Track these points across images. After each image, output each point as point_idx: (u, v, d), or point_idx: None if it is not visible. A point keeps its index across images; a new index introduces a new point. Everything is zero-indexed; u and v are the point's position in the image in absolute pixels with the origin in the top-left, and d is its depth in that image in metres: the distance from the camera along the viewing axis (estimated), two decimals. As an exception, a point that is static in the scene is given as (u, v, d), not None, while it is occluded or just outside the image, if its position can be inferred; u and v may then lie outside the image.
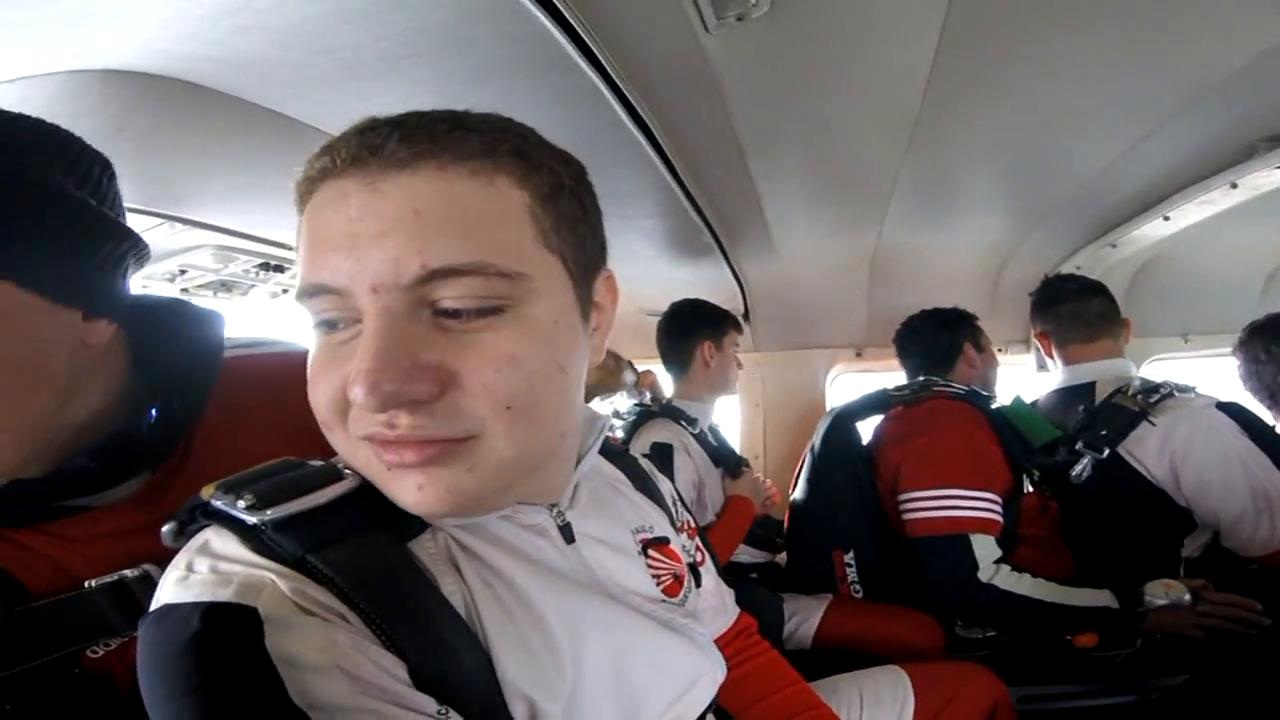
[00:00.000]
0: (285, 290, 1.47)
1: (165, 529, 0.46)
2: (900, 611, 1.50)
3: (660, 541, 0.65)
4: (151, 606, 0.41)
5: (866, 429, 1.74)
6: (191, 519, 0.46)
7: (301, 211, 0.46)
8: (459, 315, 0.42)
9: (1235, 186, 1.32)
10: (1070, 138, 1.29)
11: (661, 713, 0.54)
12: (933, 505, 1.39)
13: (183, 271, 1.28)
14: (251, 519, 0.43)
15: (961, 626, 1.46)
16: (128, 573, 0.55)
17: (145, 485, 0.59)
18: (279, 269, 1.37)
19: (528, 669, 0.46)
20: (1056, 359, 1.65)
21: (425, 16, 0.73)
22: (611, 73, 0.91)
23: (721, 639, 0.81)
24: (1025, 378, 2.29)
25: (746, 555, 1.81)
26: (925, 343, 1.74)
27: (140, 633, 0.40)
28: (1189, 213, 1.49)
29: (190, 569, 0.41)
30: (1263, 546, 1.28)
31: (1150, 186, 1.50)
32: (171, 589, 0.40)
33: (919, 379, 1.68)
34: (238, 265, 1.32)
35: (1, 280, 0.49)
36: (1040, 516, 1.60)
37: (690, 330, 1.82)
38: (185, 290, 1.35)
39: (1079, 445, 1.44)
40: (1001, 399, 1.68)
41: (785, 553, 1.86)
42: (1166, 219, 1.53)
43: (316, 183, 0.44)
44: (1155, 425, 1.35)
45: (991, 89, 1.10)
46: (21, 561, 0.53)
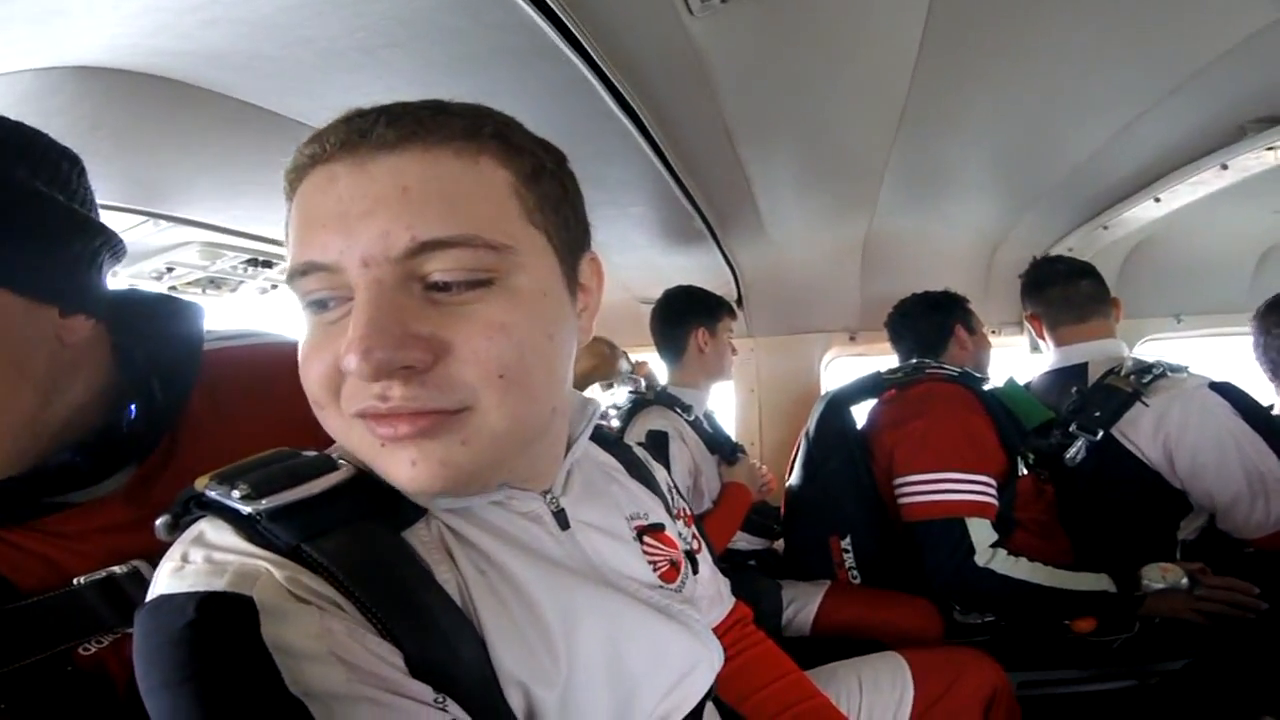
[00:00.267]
0: (274, 285, 1.46)
1: (159, 522, 0.46)
2: (898, 597, 1.50)
3: (655, 528, 0.65)
4: (147, 597, 0.41)
5: (861, 413, 1.73)
6: (185, 510, 0.46)
7: (291, 198, 0.46)
8: (448, 288, 0.43)
9: (1226, 168, 1.31)
10: (1061, 121, 1.28)
11: (658, 700, 0.54)
12: (928, 489, 1.39)
13: (170, 269, 1.27)
14: (246, 509, 0.42)
15: (960, 612, 1.45)
16: (117, 569, 0.55)
17: (133, 480, 0.59)
18: (267, 264, 1.36)
19: (522, 657, 0.46)
20: (1048, 341, 1.64)
21: (403, 6, 0.72)
22: (597, 59, 0.90)
23: (718, 629, 0.81)
24: (1019, 359, 2.29)
25: (744, 542, 1.80)
26: (917, 326, 1.73)
27: (136, 623, 0.40)
28: (1180, 194, 1.48)
29: (185, 559, 0.41)
30: (1258, 529, 1.26)
31: (1141, 168, 1.49)
32: (167, 579, 0.40)
33: (912, 361, 1.67)
34: (225, 261, 1.31)
35: None
36: (1036, 500, 1.59)
37: (684, 317, 1.80)
38: (173, 288, 1.34)
39: (1073, 428, 1.43)
40: (995, 381, 1.68)
41: (783, 539, 1.86)
42: (1158, 200, 1.52)
43: (306, 169, 0.45)
44: (1149, 406, 1.34)
45: (980, 73, 1.09)
46: (11, 559, 0.53)
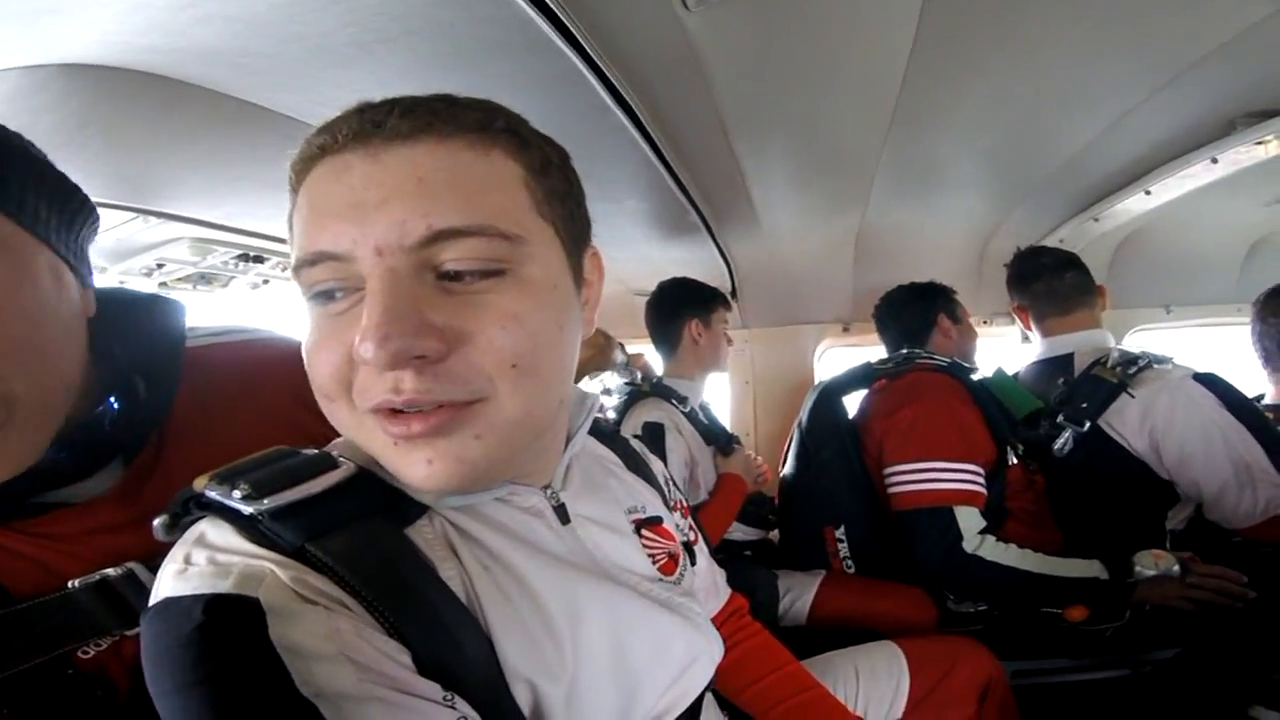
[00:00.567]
0: (266, 280, 1.45)
1: (157, 522, 0.45)
2: (893, 587, 1.51)
3: (653, 521, 0.66)
4: (151, 600, 0.41)
5: (854, 403, 1.74)
6: (185, 511, 0.45)
7: (297, 189, 0.46)
8: (461, 278, 0.43)
9: (1216, 162, 1.32)
10: (1053, 114, 1.28)
11: (661, 693, 0.55)
12: (916, 478, 1.40)
13: (160, 265, 1.26)
14: (248, 509, 0.42)
15: (954, 601, 1.46)
16: (111, 571, 0.54)
17: (123, 481, 0.58)
18: (258, 259, 1.35)
19: (528, 652, 0.46)
20: (1035, 332, 1.66)
21: (396, 1, 0.71)
22: (592, 54, 0.90)
23: (715, 620, 0.81)
24: (1011, 350, 2.31)
25: (740, 533, 1.82)
26: (901, 316, 1.76)
27: (142, 626, 0.40)
28: (1170, 187, 1.49)
29: (188, 561, 0.41)
30: (1246, 518, 1.27)
31: (1132, 162, 1.50)
32: (170, 582, 0.40)
33: (902, 352, 1.69)
34: (216, 257, 1.30)
35: (38, 242, 0.48)
36: (1026, 490, 1.59)
37: (678, 309, 1.81)
38: (164, 284, 1.33)
39: (1060, 419, 1.44)
40: (984, 371, 1.69)
41: (778, 530, 1.88)
42: (1148, 193, 1.53)
43: (315, 160, 0.44)
44: (1134, 398, 1.35)
45: (973, 67, 1.09)
46: (2, 563, 0.52)
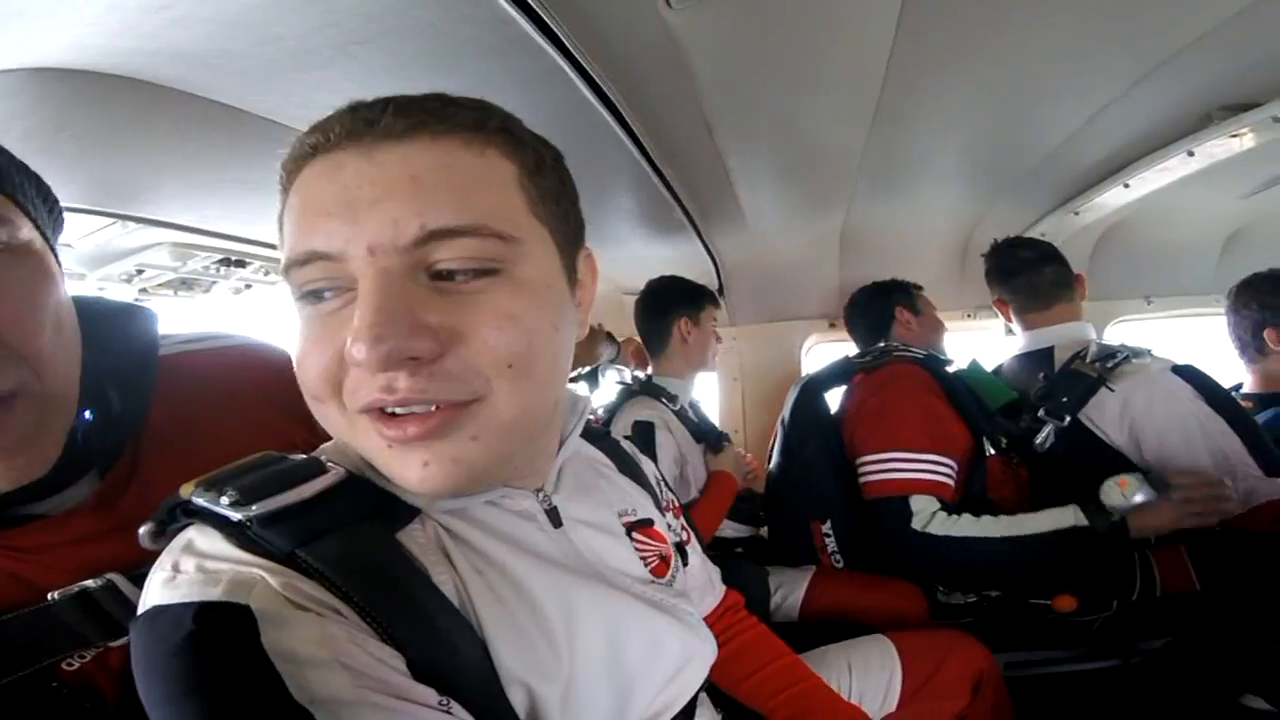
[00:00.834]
0: (248, 285, 1.43)
1: (143, 530, 0.45)
2: (883, 580, 1.52)
3: (644, 524, 0.66)
4: (140, 608, 0.40)
5: (837, 398, 1.76)
6: (171, 518, 0.45)
7: (288, 189, 0.46)
8: (455, 278, 0.43)
9: (1192, 155, 1.34)
10: (1032, 109, 1.30)
11: (656, 694, 0.55)
12: (880, 468, 1.41)
13: (140, 271, 1.24)
14: (236, 515, 0.42)
15: (943, 592, 1.47)
16: (90, 583, 0.53)
17: (99, 491, 0.57)
18: (240, 264, 1.33)
19: (524, 655, 0.46)
20: (1016, 324, 1.68)
21: (374, 2, 0.70)
22: (575, 53, 0.89)
23: (710, 616, 0.83)
24: (995, 342, 2.33)
25: (731, 530, 1.83)
26: (863, 313, 1.86)
27: (132, 635, 0.39)
28: (1148, 180, 1.51)
29: (176, 569, 0.40)
30: (1227, 510, 1.28)
31: (1111, 155, 1.52)
32: (159, 590, 0.40)
33: (879, 345, 1.73)
34: (197, 262, 1.28)
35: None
36: (1010, 481, 1.62)
37: (667, 307, 1.81)
38: (144, 290, 1.31)
39: (1041, 413, 1.46)
40: (959, 363, 1.71)
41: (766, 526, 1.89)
42: (1127, 186, 1.56)
43: (307, 159, 0.44)
44: (1114, 391, 1.36)
45: (953, 61, 1.10)
46: None
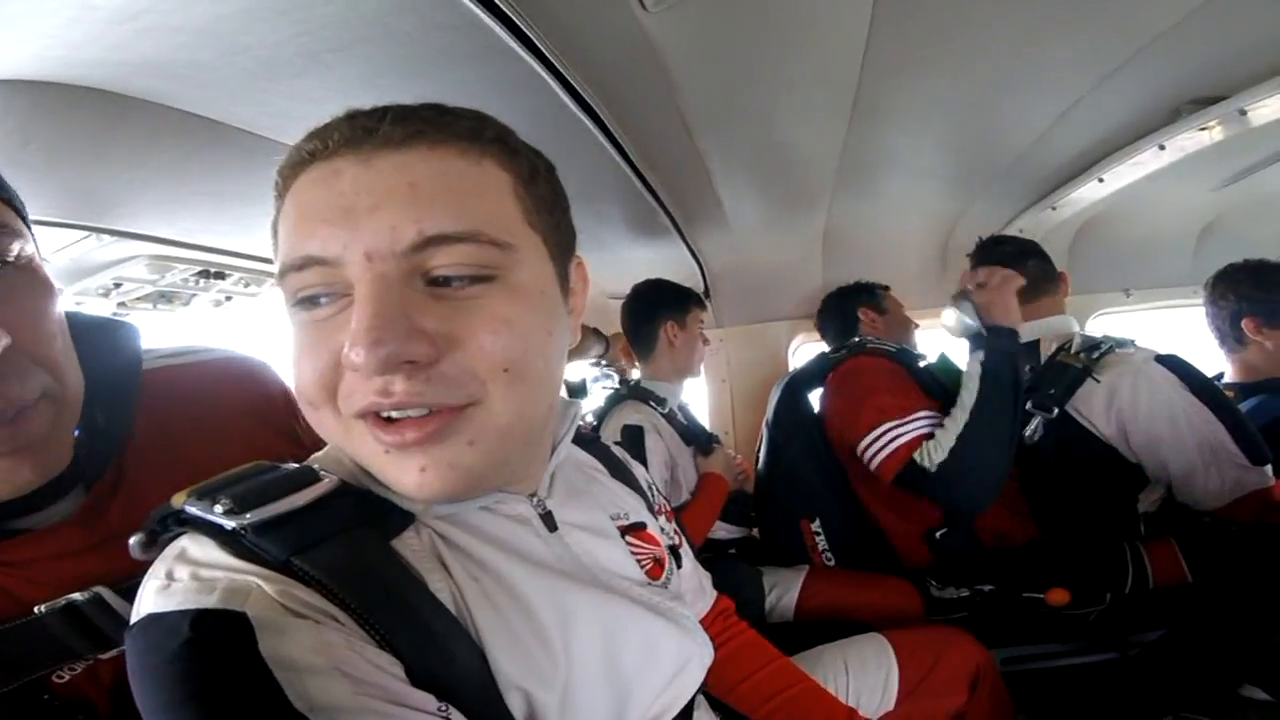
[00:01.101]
0: (229, 298, 1.42)
1: (133, 540, 0.45)
2: (877, 578, 1.53)
3: (637, 527, 0.66)
4: (133, 617, 0.40)
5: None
6: (163, 528, 0.45)
7: (283, 195, 0.46)
8: (451, 284, 0.43)
9: (1164, 148, 1.36)
10: (1005, 104, 1.32)
11: (654, 698, 0.55)
12: (882, 445, 1.41)
13: (117, 285, 1.22)
14: (230, 524, 0.42)
15: (937, 586, 1.48)
16: (77, 596, 0.53)
17: (84, 505, 0.57)
18: (220, 275, 1.32)
19: (521, 661, 0.47)
20: None
21: (347, 10, 0.70)
22: (552, 59, 0.90)
23: (703, 621, 0.82)
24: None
25: (724, 531, 1.82)
26: (830, 316, 1.95)
27: (127, 643, 0.39)
28: (1122, 174, 1.53)
29: (170, 577, 0.40)
30: (1215, 499, 1.29)
31: (1084, 150, 1.54)
32: (153, 598, 0.39)
33: (854, 340, 1.78)
34: (176, 275, 1.27)
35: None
36: None
37: (653, 311, 1.80)
38: (122, 304, 1.29)
39: (1029, 406, 1.46)
40: (929, 358, 1.75)
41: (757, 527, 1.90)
42: (1101, 181, 1.58)
43: (304, 165, 0.44)
44: (1099, 382, 1.38)
45: (927, 58, 1.11)
46: None
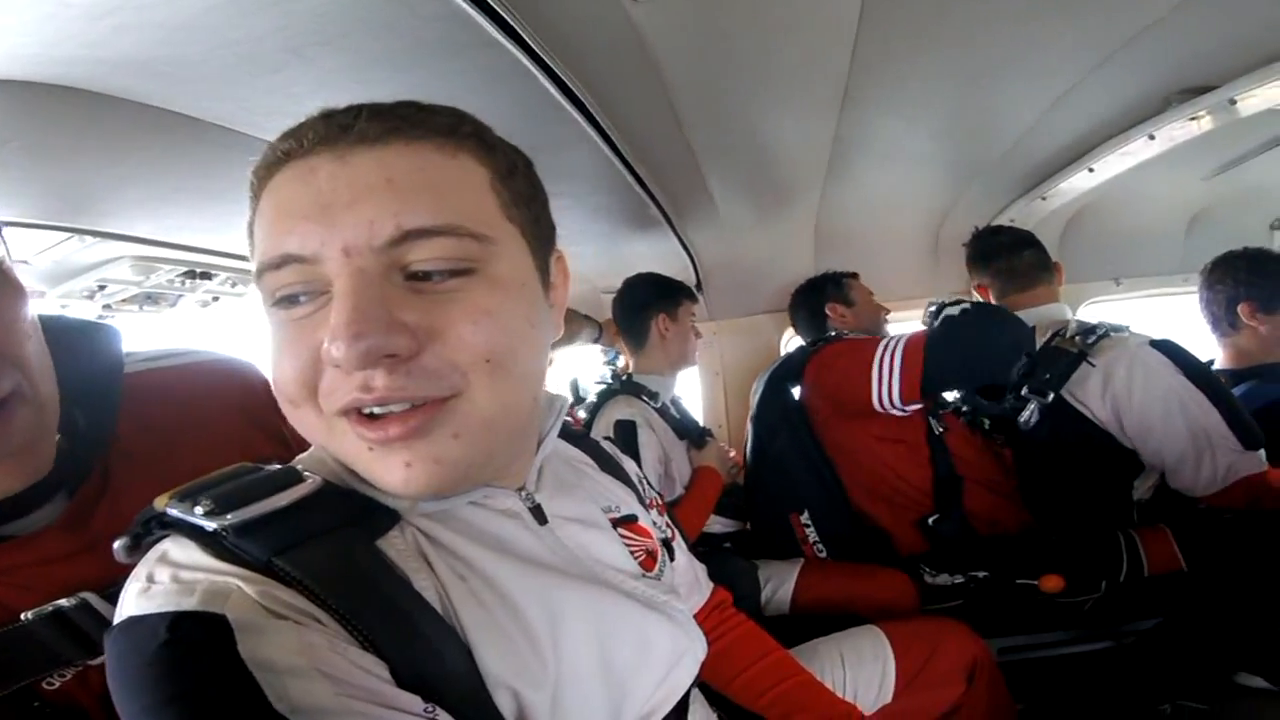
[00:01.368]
0: (215, 298, 1.40)
1: (118, 544, 0.44)
2: (872, 570, 1.53)
3: (629, 519, 0.66)
4: (115, 620, 0.40)
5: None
6: (146, 531, 0.44)
7: (259, 195, 0.45)
8: (430, 278, 0.43)
9: (1153, 138, 1.36)
10: (996, 94, 1.32)
11: (649, 692, 0.55)
12: (889, 370, 1.43)
13: (101, 287, 1.21)
14: (211, 525, 0.42)
15: (930, 574, 1.48)
16: (64, 602, 0.53)
17: (68, 511, 0.57)
18: (205, 275, 1.30)
19: (509, 660, 0.46)
20: None
21: (330, 2, 0.69)
22: (538, 50, 0.89)
23: (699, 614, 0.82)
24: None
25: (719, 525, 1.83)
26: (801, 309, 1.95)
27: (107, 646, 0.39)
28: (1112, 164, 1.54)
29: (151, 580, 0.40)
30: (1208, 485, 1.29)
31: (1075, 140, 1.55)
32: (134, 601, 0.39)
33: (832, 333, 1.80)
34: (161, 275, 1.25)
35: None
36: (994, 461, 1.63)
37: (645, 304, 1.80)
38: (107, 306, 1.27)
39: (1024, 391, 1.47)
40: None
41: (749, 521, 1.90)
42: (1091, 171, 1.58)
43: (280, 165, 0.44)
44: (1095, 366, 1.38)
45: (916, 48, 1.11)
46: None
